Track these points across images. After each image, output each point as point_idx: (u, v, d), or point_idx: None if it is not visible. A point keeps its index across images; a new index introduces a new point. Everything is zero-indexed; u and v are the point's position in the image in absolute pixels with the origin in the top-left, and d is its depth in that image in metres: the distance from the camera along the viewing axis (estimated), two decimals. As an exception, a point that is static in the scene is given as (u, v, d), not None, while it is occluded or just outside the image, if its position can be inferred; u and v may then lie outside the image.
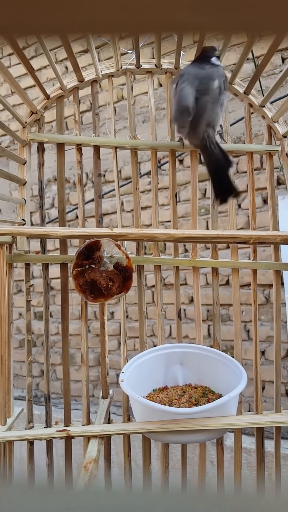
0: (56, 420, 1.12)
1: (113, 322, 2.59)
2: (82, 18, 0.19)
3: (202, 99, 1.01)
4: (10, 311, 1.08)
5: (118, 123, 2.66)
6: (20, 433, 1.04)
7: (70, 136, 1.11)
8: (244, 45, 0.92)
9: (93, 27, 0.20)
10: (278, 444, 1.11)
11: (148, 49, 2.34)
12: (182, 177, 2.45)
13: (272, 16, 0.19)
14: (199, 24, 0.20)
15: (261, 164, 2.15)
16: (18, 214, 1.08)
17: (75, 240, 1.31)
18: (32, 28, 0.20)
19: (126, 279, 1.06)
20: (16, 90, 0.94)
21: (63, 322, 1.11)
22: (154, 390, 1.09)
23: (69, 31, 0.21)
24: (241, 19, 0.19)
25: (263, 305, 2.20)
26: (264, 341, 2.18)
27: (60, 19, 0.19)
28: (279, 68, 2.24)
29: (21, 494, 0.20)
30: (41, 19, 0.19)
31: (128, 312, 2.64)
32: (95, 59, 1.05)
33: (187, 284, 2.37)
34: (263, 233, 1.07)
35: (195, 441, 1.02)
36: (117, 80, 2.30)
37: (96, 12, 0.19)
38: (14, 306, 2.83)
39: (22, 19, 0.19)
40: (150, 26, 0.20)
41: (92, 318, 2.67)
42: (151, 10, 0.19)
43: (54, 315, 2.67)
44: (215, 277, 1.14)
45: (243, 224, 2.23)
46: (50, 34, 0.21)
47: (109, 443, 1.14)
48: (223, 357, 1.07)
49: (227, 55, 2.28)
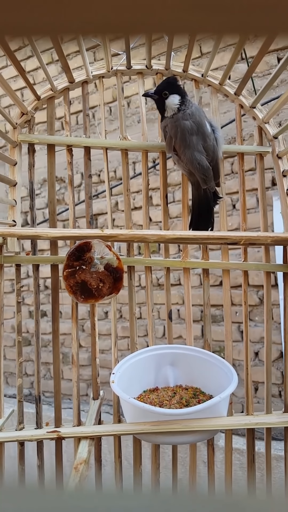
0: (50, 419, 1.12)
1: (107, 321, 2.59)
2: (73, 19, 0.19)
3: (208, 149, 1.06)
4: (1, 312, 1.08)
5: (114, 123, 2.67)
6: (11, 434, 1.04)
7: (61, 137, 1.11)
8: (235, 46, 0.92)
9: (84, 28, 0.20)
10: (269, 445, 1.12)
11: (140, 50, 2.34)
12: (176, 177, 2.45)
13: (263, 17, 0.19)
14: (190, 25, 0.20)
15: (256, 165, 2.15)
16: (9, 215, 1.08)
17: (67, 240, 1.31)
18: (23, 30, 0.20)
19: (117, 280, 1.06)
20: (6, 91, 0.94)
21: (53, 323, 1.11)
22: (145, 391, 1.10)
23: (60, 32, 0.21)
24: (232, 19, 0.19)
25: (257, 306, 2.21)
26: (258, 342, 2.19)
27: (51, 20, 0.19)
28: (275, 69, 2.25)
29: (12, 495, 0.20)
30: (32, 20, 0.19)
31: (122, 312, 2.64)
32: (86, 60, 1.05)
33: (181, 284, 2.37)
34: (253, 234, 1.07)
35: (186, 442, 1.02)
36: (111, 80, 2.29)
37: (87, 13, 0.19)
38: (9, 305, 2.83)
39: (13, 20, 0.19)
40: (141, 27, 0.20)
41: (86, 317, 2.68)
42: (141, 11, 0.19)
43: (49, 314, 2.67)
44: (205, 278, 1.14)
45: (237, 225, 2.23)
46: (41, 35, 0.21)
47: (100, 444, 1.14)
48: (214, 358, 1.07)
49: (222, 55, 2.29)
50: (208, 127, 1.07)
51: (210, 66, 1.07)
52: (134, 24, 0.20)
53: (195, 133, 1.05)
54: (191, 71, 1.12)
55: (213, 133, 1.08)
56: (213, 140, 1.07)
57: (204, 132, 1.05)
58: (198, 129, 1.05)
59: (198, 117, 1.06)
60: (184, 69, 1.11)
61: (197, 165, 1.05)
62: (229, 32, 0.21)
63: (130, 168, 2.63)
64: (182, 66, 1.12)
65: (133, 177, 2.58)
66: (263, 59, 2.26)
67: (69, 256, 1.02)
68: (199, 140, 1.05)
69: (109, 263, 1.05)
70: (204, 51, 2.41)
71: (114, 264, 1.05)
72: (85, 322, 2.74)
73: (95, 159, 1.89)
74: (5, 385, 2.95)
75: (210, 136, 1.07)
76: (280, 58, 2.23)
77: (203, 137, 1.05)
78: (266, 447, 1.12)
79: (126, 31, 0.21)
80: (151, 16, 0.19)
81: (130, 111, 2.64)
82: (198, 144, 1.05)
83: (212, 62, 1.04)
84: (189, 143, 1.04)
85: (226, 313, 1.14)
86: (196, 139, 1.05)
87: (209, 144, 1.06)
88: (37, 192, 2.96)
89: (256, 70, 2.28)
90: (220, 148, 1.10)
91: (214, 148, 1.07)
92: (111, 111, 2.71)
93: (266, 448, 1.12)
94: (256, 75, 2.28)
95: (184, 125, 1.04)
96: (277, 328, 2.11)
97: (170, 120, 1.06)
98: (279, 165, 1.11)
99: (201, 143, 1.05)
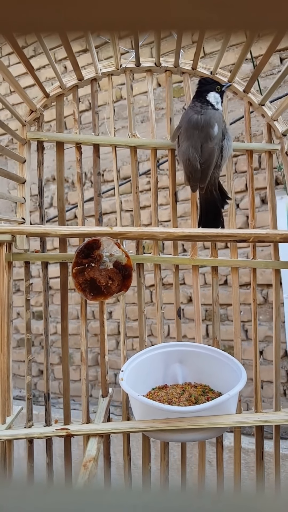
0: (55, 419, 1.12)
1: (111, 322, 2.59)
2: (81, 16, 0.19)
3: (204, 150, 1.06)
4: (9, 310, 1.08)
5: (117, 122, 2.66)
6: (20, 431, 1.03)
7: (70, 134, 1.11)
8: (243, 45, 0.92)
9: (92, 26, 0.20)
10: (278, 444, 1.11)
11: (148, 48, 2.34)
12: (180, 176, 2.45)
13: (272, 15, 0.19)
14: (198, 22, 0.20)
15: (259, 164, 2.15)
16: (18, 212, 1.08)
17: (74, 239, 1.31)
18: (32, 27, 0.20)
19: (126, 277, 1.06)
20: (15, 88, 0.94)
21: (62, 321, 1.11)
22: (154, 388, 1.09)
23: (69, 30, 0.20)
24: (241, 17, 0.19)
25: (261, 305, 2.20)
26: (262, 341, 2.18)
27: (60, 17, 0.19)
28: (278, 69, 2.25)
29: (21, 493, 0.20)
30: (40, 18, 0.19)
31: (127, 312, 2.64)
32: (95, 57, 1.05)
33: (185, 284, 2.37)
34: (262, 231, 1.07)
35: (194, 440, 1.02)
36: (116, 80, 2.30)
37: (95, 11, 0.18)
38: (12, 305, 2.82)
39: (21, 18, 0.19)
40: (150, 24, 0.20)
41: (90, 318, 2.67)
42: (150, 8, 0.19)
43: (52, 315, 2.67)
44: (214, 275, 1.14)
45: (241, 224, 2.23)
46: (50, 33, 0.21)
47: (108, 442, 1.14)
48: (223, 356, 1.07)
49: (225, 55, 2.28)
50: (216, 131, 1.06)
51: (219, 63, 1.07)
52: (143, 22, 0.20)
53: (199, 129, 1.05)
54: (200, 69, 1.12)
55: (221, 141, 1.08)
56: (217, 145, 1.06)
57: (208, 133, 1.05)
58: (202, 127, 1.05)
59: (209, 118, 1.06)
60: (193, 67, 1.12)
61: (187, 161, 1.06)
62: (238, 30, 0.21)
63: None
64: (191, 64, 1.12)
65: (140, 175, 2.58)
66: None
67: (78, 253, 1.02)
68: (201, 138, 1.05)
69: (118, 261, 1.05)
70: (207, 51, 2.41)
71: (123, 262, 1.05)
72: (89, 322, 2.74)
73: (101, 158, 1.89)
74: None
75: (214, 140, 1.06)
76: (283, 58, 2.24)
77: (205, 137, 1.05)
78: (275, 446, 1.11)
79: (135, 28, 0.21)
80: (160, 13, 0.19)
81: (134, 111, 2.64)
82: (197, 141, 1.05)
83: (221, 59, 1.04)
84: (191, 136, 1.05)
85: (235, 311, 1.14)
86: (198, 135, 1.05)
87: (209, 147, 1.05)
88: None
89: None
90: (222, 157, 1.09)
91: (212, 152, 1.06)
92: (115, 111, 2.71)
93: (275, 446, 1.11)
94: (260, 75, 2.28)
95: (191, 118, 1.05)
96: (282, 327, 2.11)
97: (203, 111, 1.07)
98: (287, 162, 1.11)
99: (201, 141, 1.05)
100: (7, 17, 0.19)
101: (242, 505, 0.20)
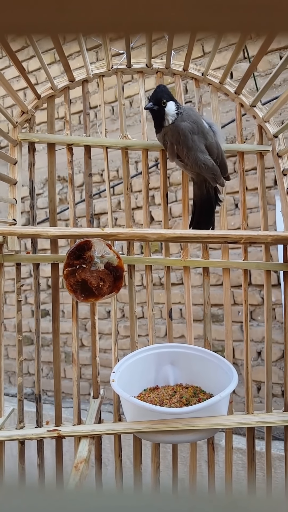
0: (47, 420, 1.12)
1: (110, 321, 2.59)
2: (73, 18, 0.19)
3: (210, 148, 1.06)
4: (1, 311, 1.08)
5: (116, 122, 2.67)
6: (11, 433, 1.04)
7: (61, 135, 1.11)
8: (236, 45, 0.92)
9: (84, 28, 0.20)
10: (269, 445, 1.11)
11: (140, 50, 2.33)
12: (178, 176, 2.45)
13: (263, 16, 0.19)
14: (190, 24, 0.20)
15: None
16: (9, 214, 1.08)
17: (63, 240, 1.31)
18: (24, 30, 0.20)
19: (117, 279, 1.05)
20: (7, 90, 0.94)
21: (54, 323, 1.11)
22: (145, 390, 1.10)
23: (60, 32, 0.21)
24: (232, 18, 0.19)
25: (260, 306, 2.20)
26: (261, 341, 2.18)
27: (52, 20, 0.19)
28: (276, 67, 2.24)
29: (12, 494, 0.20)
30: (32, 20, 0.19)
31: (125, 311, 2.64)
32: (86, 59, 1.05)
33: (183, 283, 2.37)
34: (253, 233, 1.07)
35: (186, 441, 1.02)
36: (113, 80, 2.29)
37: (87, 13, 0.19)
38: (13, 304, 2.83)
39: (13, 20, 0.19)
40: (141, 25, 0.20)
41: (88, 317, 2.67)
42: (141, 10, 0.19)
43: (50, 314, 2.68)
44: (206, 277, 1.14)
45: (239, 224, 2.23)
46: (43, 35, 0.21)
47: (100, 443, 1.14)
48: (214, 357, 1.07)
49: (224, 54, 2.28)
50: (206, 124, 1.07)
51: (210, 64, 1.07)
52: (134, 23, 0.20)
53: (196, 132, 1.04)
54: (191, 70, 1.12)
55: (211, 129, 1.08)
56: (213, 136, 1.07)
57: (203, 130, 1.05)
58: (198, 128, 1.05)
59: (195, 117, 1.06)
60: (185, 68, 1.11)
61: (203, 165, 1.05)
62: (229, 32, 0.21)
63: (133, 167, 2.63)
64: (182, 65, 1.11)
65: (134, 175, 2.58)
66: (266, 58, 2.25)
67: (69, 255, 1.02)
68: (201, 139, 1.05)
69: (110, 262, 1.05)
70: (206, 50, 2.40)
71: (114, 263, 1.05)
72: (87, 321, 2.74)
73: (98, 158, 1.89)
74: (8, 384, 2.96)
75: (209, 132, 1.06)
76: (282, 57, 2.23)
77: (204, 136, 1.05)
78: (267, 447, 1.11)
79: (126, 30, 0.21)
80: (151, 15, 0.19)
81: (133, 110, 2.64)
82: (200, 143, 1.05)
83: (212, 60, 1.04)
84: (192, 145, 1.04)
85: (226, 312, 1.14)
86: (198, 138, 1.04)
87: (211, 142, 1.06)
88: (40, 191, 2.97)
89: (259, 69, 2.28)
90: (221, 142, 1.10)
91: (217, 144, 1.07)
92: (113, 111, 2.71)
93: (267, 447, 1.11)
94: (259, 74, 2.27)
95: (184, 127, 1.04)
96: (280, 328, 2.10)
97: (170, 127, 1.06)
98: (279, 164, 1.11)
99: (203, 141, 1.05)
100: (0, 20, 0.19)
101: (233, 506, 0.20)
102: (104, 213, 2.68)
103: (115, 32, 0.21)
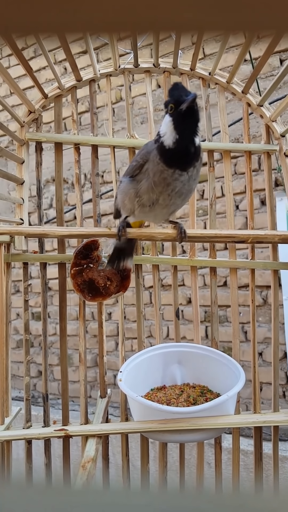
0: (54, 420, 1.12)
1: (111, 323, 2.59)
2: (80, 17, 0.19)
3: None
4: (8, 311, 1.08)
5: (117, 124, 2.67)
6: (18, 432, 1.03)
7: (68, 135, 1.11)
8: (242, 46, 0.92)
9: (91, 27, 0.20)
10: (276, 445, 1.11)
11: (147, 50, 2.34)
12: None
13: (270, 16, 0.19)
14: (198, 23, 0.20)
15: (259, 166, 2.15)
16: (16, 213, 1.08)
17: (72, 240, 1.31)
18: (31, 28, 0.20)
19: (124, 278, 1.05)
20: (14, 90, 0.94)
21: (61, 322, 1.11)
22: (152, 389, 1.09)
23: (68, 31, 0.21)
24: (240, 18, 0.19)
25: (261, 307, 2.20)
26: (262, 342, 2.18)
27: (59, 18, 0.19)
28: (277, 70, 2.25)
29: (19, 494, 0.20)
30: (40, 19, 0.19)
31: (126, 313, 2.64)
32: (93, 58, 1.05)
33: (185, 285, 2.37)
34: (261, 232, 1.07)
35: (193, 441, 1.02)
36: (115, 81, 2.29)
37: (94, 12, 0.19)
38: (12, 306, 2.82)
39: (20, 19, 0.19)
40: (148, 25, 0.20)
41: (89, 319, 2.67)
42: (149, 9, 0.19)
43: (51, 316, 2.67)
44: (213, 276, 1.14)
45: (240, 225, 2.23)
46: (49, 34, 0.21)
47: (107, 443, 1.14)
48: (221, 356, 1.07)
49: (225, 56, 2.29)
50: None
51: (217, 64, 1.07)
52: (142, 23, 0.20)
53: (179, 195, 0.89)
54: (198, 70, 1.12)
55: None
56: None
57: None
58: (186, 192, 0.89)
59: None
60: (192, 67, 1.12)
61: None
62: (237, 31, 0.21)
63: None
64: (189, 65, 1.12)
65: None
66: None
67: (76, 254, 1.02)
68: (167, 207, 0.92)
69: (117, 261, 1.05)
70: (207, 52, 2.41)
71: (121, 263, 1.05)
72: (89, 323, 2.74)
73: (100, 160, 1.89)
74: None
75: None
76: (283, 60, 2.24)
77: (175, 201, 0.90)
78: (274, 447, 1.11)
79: (134, 29, 0.21)
80: (158, 14, 0.19)
81: (134, 112, 2.64)
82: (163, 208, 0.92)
83: (219, 59, 1.04)
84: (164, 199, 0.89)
85: (233, 312, 1.14)
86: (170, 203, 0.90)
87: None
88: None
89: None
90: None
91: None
92: (114, 112, 2.71)
93: (274, 447, 1.11)
94: (259, 76, 2.28)
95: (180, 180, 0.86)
96: (281, 328, 2.10)
97: (198, 166, 0.87)
98: (286, 163, 1.11)
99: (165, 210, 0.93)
100: (6, 19, 0.19)
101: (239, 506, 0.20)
102: (104, 215, 2.67)
103: (122, 31, 0.21)
